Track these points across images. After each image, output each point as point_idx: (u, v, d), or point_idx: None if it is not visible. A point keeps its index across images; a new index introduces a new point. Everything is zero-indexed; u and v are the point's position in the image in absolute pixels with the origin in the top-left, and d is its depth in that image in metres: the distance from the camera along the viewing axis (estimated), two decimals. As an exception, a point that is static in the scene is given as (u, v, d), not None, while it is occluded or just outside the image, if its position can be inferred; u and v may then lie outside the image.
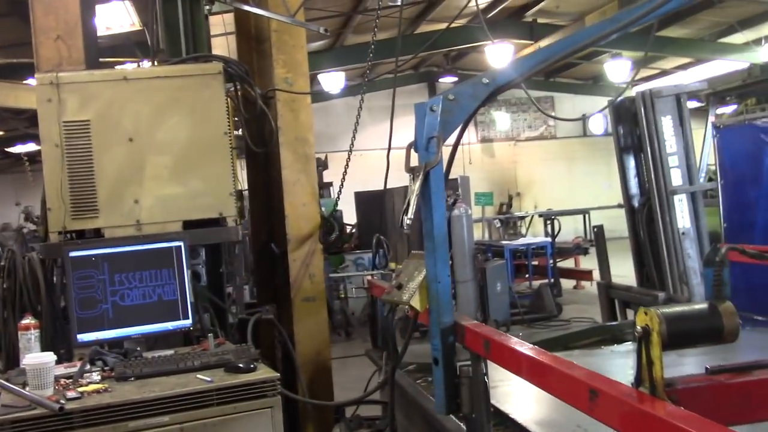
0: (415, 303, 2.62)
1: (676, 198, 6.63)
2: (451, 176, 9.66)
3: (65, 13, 3.84)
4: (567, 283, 11.68)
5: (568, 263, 12.24)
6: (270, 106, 4.40)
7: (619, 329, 5.34)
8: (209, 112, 3.82)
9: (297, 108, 4.48)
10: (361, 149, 16.94)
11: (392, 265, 11.66)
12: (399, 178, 5.53)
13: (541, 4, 14.13)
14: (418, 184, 2.56)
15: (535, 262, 11.49)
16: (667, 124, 6.57)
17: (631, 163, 7.11)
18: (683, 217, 6.60)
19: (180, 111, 3.78)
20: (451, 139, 2.71)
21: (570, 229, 13.14)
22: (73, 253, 3.18)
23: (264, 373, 2.85)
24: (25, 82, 10.41)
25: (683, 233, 5.55)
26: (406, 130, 5.03)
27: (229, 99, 3.94)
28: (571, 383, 1.70)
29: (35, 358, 2.68)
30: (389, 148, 3.77)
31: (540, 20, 14.92)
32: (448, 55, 18.69)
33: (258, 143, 4.45)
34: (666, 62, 17.84)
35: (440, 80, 20.36)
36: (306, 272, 4.41)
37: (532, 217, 15.37)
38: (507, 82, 2.61)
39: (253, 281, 6.04)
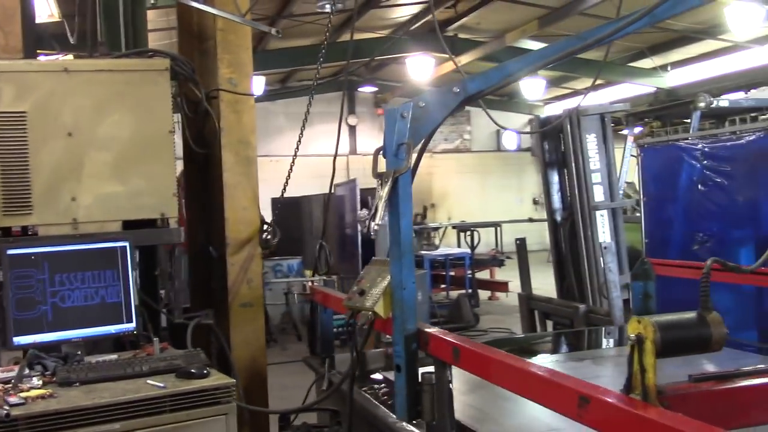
0: (379, 309, 2.62)
1: (597, 213, 6.90)
2: (369, 186, 9.66)
3: (4, 0, 3.65)
4: (482, 294, 11.92)
5: (483, 274, 12.49)
6: (212, 107, 4.31)
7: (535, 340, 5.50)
8: (153, 110, 3.70)
9: (240, 110, 4.40)
10: (278, 155, 16.88)
11: (308, 272, 11.63)
12: (313, 186, 5.54)
13: (463, 20, 14.41)
14: (386, 189, 2.56)
15: (452, 273, 11.67)
16: (592, 142, 6.84)
17: (555, 178, 7.35)
18: (604, 232, 6.87)
19: (123, 107, 3.65)
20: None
21: (483, 242, 13.43)
22: (11, 251, 3.01)
23: (218, 379, 2.78)
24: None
25: (605, 247, 5.74)
26: (324, 137, 5.09)
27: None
28: (559, 390, 1.74)
29: (-26, 361, 2.52)
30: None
31: (461, 35, 15.22)
32: (368, 65, 18.80)
33: (198, 144, 4.35)
34: (578, 83, 18.53)
35: (360, 89, 20.45)
36: (244, 277, 4.32)
37: (446, 228, 15.61)
38: (476, 92, 2.65)
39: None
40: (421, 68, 15.21)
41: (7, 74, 3.48)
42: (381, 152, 2.67)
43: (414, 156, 2.58)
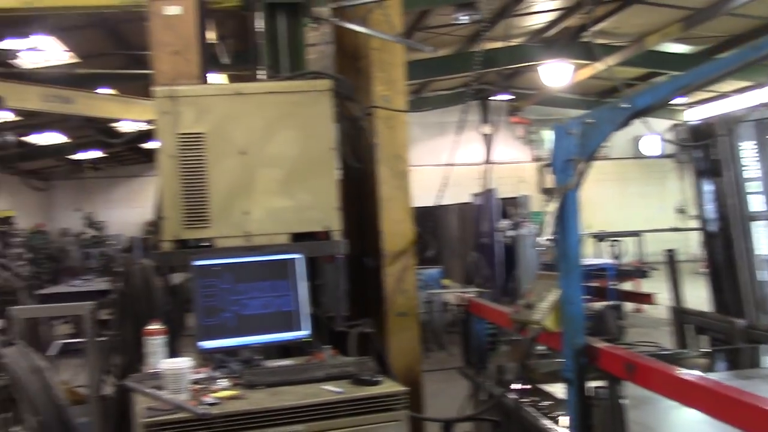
0: (549, 323, 2.65)
1: (754, 224, 6.55)
2: (512, 195, 9.70)
3: (183, 30, 3.97)
4: (626, 306, 11.58)
5: (626, 286, 12.12)
6: (368, 123, 4.48)
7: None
8: (317, 128, 3.90)
9: (394, 125, 4.56)
10: (413, 165, 17.07)
11: (446, 282, 11.71)
12: (449, 195, 5.65)
13: (600, 25, 14.08)
14: (554, 205, 2.60)
15: (594, 284, 11.40)
16: (748, 149, 6.51)
17: (707, 187, 7.04)
18: (763, 244, 6.52)
19: (290, 126, 3.87)
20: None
21: (624, 252, 13.06)
22: (198, 263, 3.27)
23: (390, 386, 2.90)
24: (96, 91, 10.71)
25: (764, 261, 5.45)
26: (459, 147, 5.19)
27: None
28: (757, 412, 1.70)
29: (172, 363, 2.76)
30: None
31: (598, 41, 14.86)
32: (501, 73, 18.69)
33: (355, 159, 4.53)
34: (724, 85, 17.64)
35: (493, 98, 20.35)
36: (399, 287, 4.46)
37: (585, 238, 15.26)
38: (646, 106, 2.64)
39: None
40: (557, 75, 14.97)
41: (187, 98, 3.79)
42: (547, 167, 2.71)
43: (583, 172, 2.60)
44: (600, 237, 13.48)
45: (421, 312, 10.27)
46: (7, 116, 9.23)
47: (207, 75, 4.34)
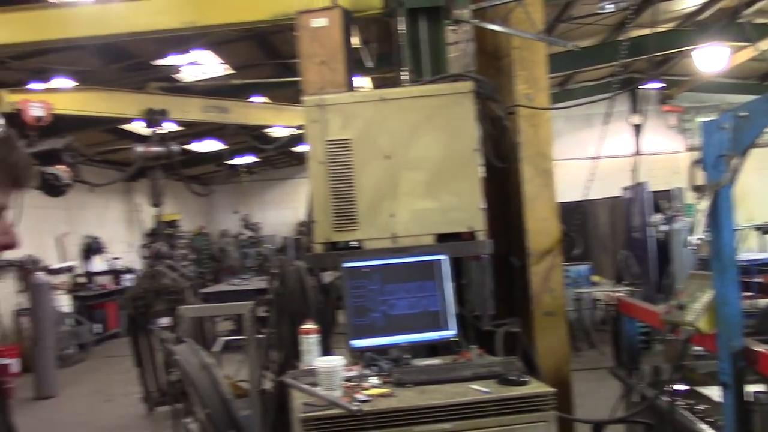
0: (702, 324, 2.57)
1: None
2: (665, 188, 9.27)
3: (329, 40, 4.14)
4: (794, 303, 10.79)
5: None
6: (510, 122, 4.47)
7: None
8: (460, 130, 3.95)
9: (537, 123, 4.52)
10: (558, 158, 16.68)
11: (596, 278, 11.41)
12: (596, 189, 5.50)
13: (760, 4, 13.18)
14: (707, 203, 2.51)
15: (758, 279, 10.72)
16: None
17: None
18: None
19: (433, 129, 3.94)
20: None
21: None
22: (347, 264, 3.41)
23: (537, 387, 2.90)
24: (248, 99, 11.29)
25: None
26: (607, 138, 5.05)
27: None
28: None
29: (327, 361, 2.90)
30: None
31: (759, 20, 13.93)
32: (651, 61, 17.90)
33: (498, 158, 4.53)
34: None
35: (642, 87, 19.55)
36: (546, 286, 4.43)
37: (747, 230, 14.35)
38: (806, 96, 2.49)
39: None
40: (713, 59, 14.15)
41: (335, 106, 3.95)
42: (697, 163, 2.62)
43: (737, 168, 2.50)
44: (764, 229, 12.65)
45: (569, 310, 10.12)
46: (171, 127, 9.90)
47: (352, 81, 4.50)
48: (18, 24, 5.75)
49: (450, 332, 3.44)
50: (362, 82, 10.61)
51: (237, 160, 18.03)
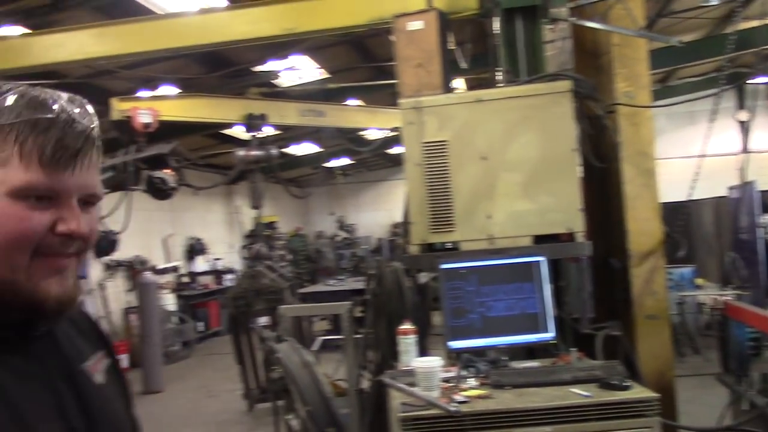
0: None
1: None
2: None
3: (425, 43, 4.17)
4: None
5: None
6: (610, 121, 4.37)
7: None
8: (558, 130, 3.90)
9: (638, 122, 4.41)
10: (660, 158, 16.11)
11: (700, 281, 10.98)
12: (701, 189, 5.30)
13: None
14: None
15: None
16: None
17: None
18: None
19: (530, 129, 3.91)
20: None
21: None
22: (445, 266, 3.42)
23: (640, 392, 2.84)
24: (344, 103, 11.47)
25: None
26: (712, 136, 4.85)
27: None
28: None
29: (425, 361, 2.92)
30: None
31: None
32: (760, 54, 17.10)
33: (597, 158, 4.45)
34: None
35: (750, 82, 18.69)
36: (648, 289, 4.31)
37: None
38: None
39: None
40: (828, 51, 13.39)
41: (431, 108, 3.97)
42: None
43: None
44: None
45: (672, 314, 9.80)
46: (270, 131, 10.17)
47: (449, 83, 4.51)
48: (129, 36, 6.05)
49: (548, 335, 3.41)
50: (456, 83, 10.59)
51: (332, 163, 18.33)
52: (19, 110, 1.07)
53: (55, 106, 1.09)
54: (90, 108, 1.15)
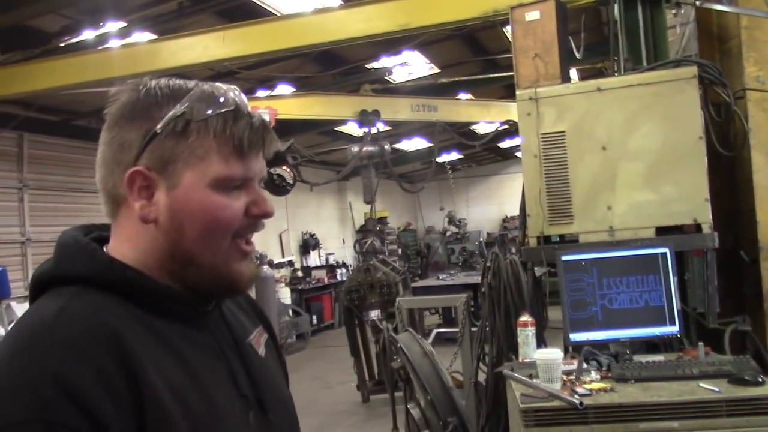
0: None
1: None
2: None
3: (542, 33, 4.11)
4: None
5: None
6: (738, 107, 4.19)
7: None
8: (682, 118, 3.77)
9: (769, 107, 4.20)
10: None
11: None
12: None
13: None
14: None
15: None
16: None
17: None
18: None
19: (652, 118, 3.80)
20: None
21: None
22: (564, 257, 3.38)
23: (775, 388, 2.71)
24: (457, 98, 11.46)
25: None
26: None
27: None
28: None
29: (547, 353, 2.90)
30: None
31: None
32: None
33: (724, 146, 4.27)
34: None
35: None
36: (782, 283, 4.10)
37: None
38: None
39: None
40: None
41: (548, 99, 3.93)
42: None
43: None
44: None
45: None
46: (381, 127, 10.29)
47: (568, 73, 4.43)
48: (250, 37, 6.29)
49: (673, 328, 3.31)
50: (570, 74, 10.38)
51: (443, 158, 18.34)
52: (207, 105, 1.15)
53: (231, 98, 1.17)
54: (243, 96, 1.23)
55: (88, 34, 7.33)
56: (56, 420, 0.93)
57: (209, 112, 1.15)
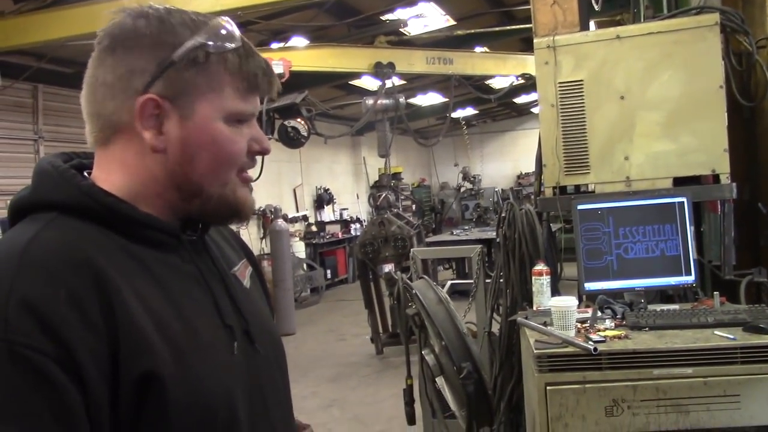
0: None
1: None
2: None
3: (561, -21, 4.03)
4: None
5: None
6: (760, 57, 4.10)
7: None
8: (702, 66, 3.70)
9: (792, 57, 4.11)
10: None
11: None
12: None
13: None
14: None
15: None
16: None
17: None
18: None
19: (672, 66, 3.73)
20: None
21: None
22: (581, 206, 3.36)
23: (792, 336, 2.71)
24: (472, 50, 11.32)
25: None
26: None
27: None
28: None
29: (561, 301, 2.90)
30: None
31: None
32: None
33: (744, 97, 4.20)
34: None
35: None
36: (802, 236, 4.07)
37: None
38: None
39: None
40: None
41: (566, 47, 3.86)
42: None
43: None
44: None
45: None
46: (396, 81, 10.21)
47: (588, 20, 4.35)
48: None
49: (689, 278, 3.30)
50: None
51: (458, 113, 18.21)
52: (225, 39, 1.16)
53: (239, 36, 1.18)
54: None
55: (100, -17, 7.26)
56: (18, 340, 0.93)
57: (230, 45, 1.15)
